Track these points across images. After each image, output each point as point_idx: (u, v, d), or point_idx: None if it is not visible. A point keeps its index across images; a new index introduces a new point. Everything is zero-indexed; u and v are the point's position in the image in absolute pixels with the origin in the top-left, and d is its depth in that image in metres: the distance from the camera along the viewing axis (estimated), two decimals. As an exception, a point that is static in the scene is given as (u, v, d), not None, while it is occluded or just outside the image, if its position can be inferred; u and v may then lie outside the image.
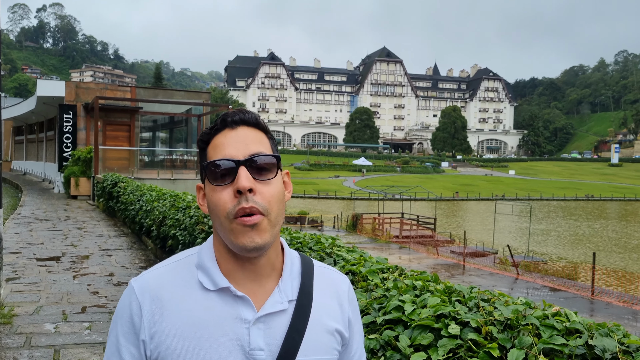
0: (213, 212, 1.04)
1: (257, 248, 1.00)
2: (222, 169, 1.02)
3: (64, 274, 7.74)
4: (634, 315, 14.01)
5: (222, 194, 1.01)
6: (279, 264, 1.10)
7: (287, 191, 1.11)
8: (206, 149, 1.08)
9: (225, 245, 1.05)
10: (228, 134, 1.06)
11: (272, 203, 1.02)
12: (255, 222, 0.99)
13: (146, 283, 1.06)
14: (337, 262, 3.24)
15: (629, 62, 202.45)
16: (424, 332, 1.93)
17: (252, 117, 1.08)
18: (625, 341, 1.62)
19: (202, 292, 1.04)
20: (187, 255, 1.12)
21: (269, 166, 1.04)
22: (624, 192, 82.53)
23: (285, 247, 1.14)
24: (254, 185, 1.00)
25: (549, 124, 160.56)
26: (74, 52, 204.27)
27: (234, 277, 1.05)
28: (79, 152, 20.14)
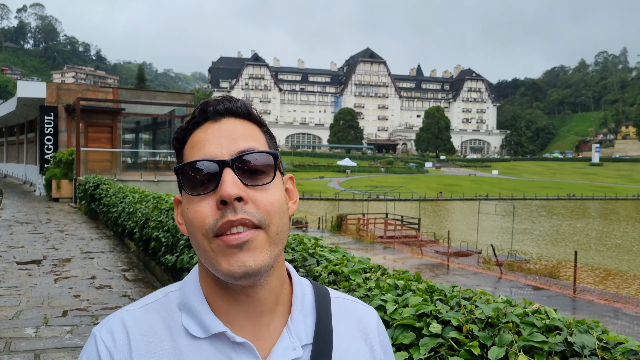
0: (190, 228, 0.80)
1: (249, 274, 0.75)
2: (201, 173, 0.78)
3: (45, 278, 7.64)
4: (615, 312, 14.19)
5: (201, 205, 0.77)
6: (286, 297, 0.86)
7: (291, 201, 0.86)
8: (182, 149, 0.85)
9: (214, 275, 0.81)
10: (209, 128, 0.82)
11: (270, 213, 0.78)
12: (245, 239, 0.75)
13: (117, 327, 0.81)
14: (319, 262, 3.23)
15: (608, 62, 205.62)
16: (406, 332, 1.93)
17: (240, 106, 0.84)
18: (604, 337, 1.64)
19: (190, 341, 0.80)
20: (165, 293, 0.87)
21: (263, 167, 0.80)
22: (604, 191, 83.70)
23: (294, 274, 0.89)
24: (243, 192, 0.76)
25: (531, 124, 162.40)
26: (55, 53, 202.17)
27: (228, 317, 0.81)
28: (61, 154, 19.91)
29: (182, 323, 0.81)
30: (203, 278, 0.84)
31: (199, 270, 0.86)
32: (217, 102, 0.83)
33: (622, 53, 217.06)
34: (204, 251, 0.77)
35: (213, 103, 0.83)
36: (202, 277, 0.84)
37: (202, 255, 0.79)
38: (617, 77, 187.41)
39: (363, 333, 0.87)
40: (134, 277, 7.73)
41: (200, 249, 0.78)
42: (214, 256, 0.76)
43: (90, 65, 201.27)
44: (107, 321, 0.82)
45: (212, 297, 0.82)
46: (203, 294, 0.83)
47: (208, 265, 0.78)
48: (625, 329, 12.54)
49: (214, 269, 0.77)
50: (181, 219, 0.86)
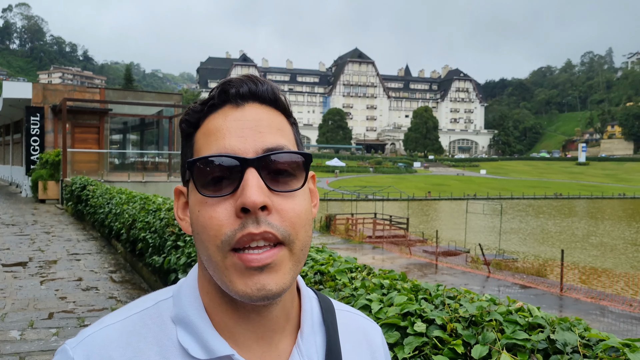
0: (199, 236, 0.67)
1: (269, 297, 0.65)
2: (218, 170, 0.66)
3: (31, 280, 7.56)
4: (601, 310, 14.32)
5: (217, 211, 0.65)
6: (295, 312, 0.76)
7: (312, 204, 0.74)
8: (194, 135, 0.71)
9: (218, 286, 0.69)
10: (230, 115, 0.69)
11: (297, 226, 0.66)
12: (269, 261, 0.64)
13: (93, 349, 0.67)
14: (306, 262, 3.23)
15: (594, 63, 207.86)
16: (391, 331, 1.94)
17: (268, 90, 0.72)
18: (586, 335, 1.65)
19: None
20: (156, 301, 0.73)
21: (294, 169, 0.68)
22: (591, 190, 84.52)
23: (302, 286, 0.78)
24: (269, 199, 0.64)
25: (519, 123, 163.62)
26: (42, 53, 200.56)
27: (234, 337, 0.70)
28: (47, 155, 19.73)
29: (178, 340, 0.68)
30: (205, 287, 0.71)
31: (199, 279, 0.73)
32: (240, 82, 0.71)
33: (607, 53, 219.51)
34: (216, 265, 0.66)
35: (236, 83, 0.71)
36: (203, 285, 0.71)
37: (213, 269, 0.67)
38: (602, 77, 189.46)
39: (370, 351, 0.81)
40: (121, 279, 7.68)
41: (212, 262, 0.66)
42: (227, 273, 0.65)
43: (77, 66, 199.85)
44: (83, 337, 0.69)
45: (214, 311, 0.70)
46: (204, 307, 0.71)
47: (218, 280, 0.67)
48: (611, 327, 12.67)
49: (225, 286, 0.66)
50: (183, 214, 0.75)
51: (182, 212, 0.75)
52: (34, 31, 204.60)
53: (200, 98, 0.72)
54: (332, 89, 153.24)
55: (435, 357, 1.66)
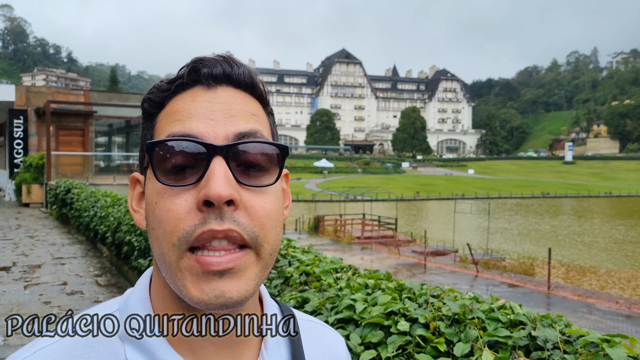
0: (154, 232, 0.59)
1: (228, 306, 0.57)
2: (181, 156, 0.57)
3: (14, 284, 7.47)
4: (588, 307, 14.44)
5: (176, 202, 0.57)
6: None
7: (284, 206, 0.67)
8: (157, 115, 0.64)
9: (173, 291, 0.61)
10: (200, 96, 0.61)
11: (266, 227, 0.59)
12: (229, 267, 0.56)
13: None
14: (291, 263, 3.22)
15: (580, 62, 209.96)
16: (374, 330, 1.93)
17: (244, 72, 0.63)
18: (566, 331, 1.65)
19: None
20: (102, 314, 0.64)
21: (267, 162, 0.60)
22: (577, 189, 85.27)
23: (265, 295, 0.72)
24: (236, 193, 0.56)
25: (506, 123, 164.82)
26: (25, 55, 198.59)
27: (189, 347, 0.62)
28: (31, 158, 19.53)
29: (127, 358, 0.60)
30: (159, 291, 0.63)
31: (153, 281, 0.65)
32: (214, 62, 0.62)
33: (592, 53, 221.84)
34: (169, 266, 0.57)
35: (209, 63, 0.62)
36: (157, 289, 0.63)
37: (166, 270, 0.58)
38: (588, 77, 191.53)
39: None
40: (106, 282, 7.61)
41: (165, 263, 0.58)
42: (181, 276, 0.57)
43: (61, 68, 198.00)
44: (24, 355, 0.60)
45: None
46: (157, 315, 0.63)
47: (171, 283, 0.58)
48: (597, 324, 12.78)
49: (178, 290, 0.58)
50: (138, 205, 0.66)
51: (137, 204, 0.66)
52: (17, 33, 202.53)
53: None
54: (319, 89, 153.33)
55: (418, 356, 1.65)
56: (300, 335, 0.72)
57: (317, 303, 2.36)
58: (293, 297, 2.54)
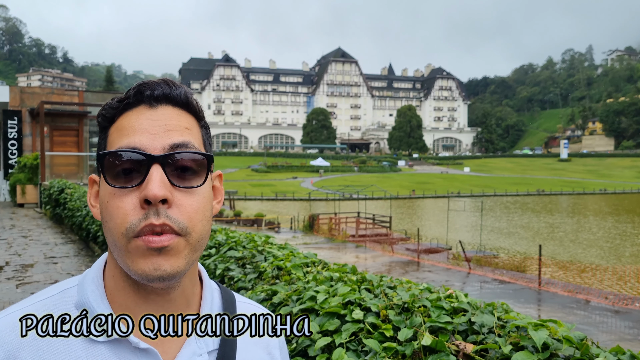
0: (107, 224, 0.73)
1: (164, 278, 0.72)
2: (126, 164, 0.72)
3: (7, 284, 7.58)
4: (577, 303, 14.61)
5: (123, 201, 0.71)
6: (197, 299, 0.83)
7: (216, 201, 0.83)
8: (108, 129, 0.78)
9: (122, 270, 0.76)
10: (143, 114, 0.75)
11: (194, 220, 0.73)
12: (165, 244, 0.71)
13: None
14: (267, 258, 3.34)
15: (575, 60, 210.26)
16: (332, 319, 2.05)
17: (181, 93, 0.78)
18: (503, 317, 1.78)
19: (87, 345, 0.73)
20: (62, 289, 0.79)
21: (196, 167, 0.75)
22: (572, 186, 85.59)
23: (204, 276, 0.86)
24: (170, 193, 0.71)
25: (501, 121, 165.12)
26: (21, 55, 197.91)
27: (132, 316, 0.76)
28: (25, 158, 19.59)
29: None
30: (111, 271, 0.78)
31: (107, 262, 0.80)
32: (156, 85, 0.77)
33: (587, 50, 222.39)
34: (120, 250, 0.72)
35: (151, 86, 0.77)
36: (110, 269, 0.79)
37: (117, 253, 0.73)
38: (583, 74, 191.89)
39: (264, 340, 0.87)
40: (97, 281, 7.71)
41: (116, 247, 0.73)
42: (128, 256, 0.72)
43: (57, 68, 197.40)
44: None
45: (118, 294, 0.77)
46: (105, 292, 0.78)
47: (121, 262, 0.73)
48: (586, 319, 12.95)
49: (126, 267, 0.73)
50: (95, 201, 0.81)
51: (94, 200, 0.80)
52: (12, 33, 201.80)
53: (117, 95, 0.78)
54: (315, 88, 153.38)
55: (366, 341, 1.78)
56: (235, 313, 0.85)
57: (284, 295, 2.48)
58: (264, 290, 2.66)
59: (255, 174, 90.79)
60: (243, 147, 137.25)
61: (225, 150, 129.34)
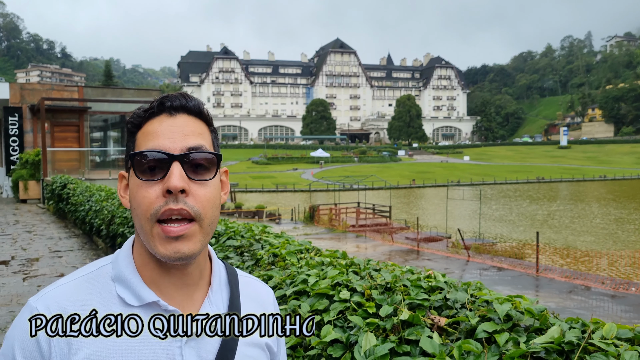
0: (135, 210, 0.92)
1: (183, 259, 0.90)
2: (152, 162, 0.90)
3: (13, 277, 7.77)
4: (574, 288, 14.82)
5: (149, 191, 0.89)
6: (207, 272, 1.02)
7: (223, 192, 1.00)
8: (136, 134, 0.96)
9: (147, 249, 0.94)
10: (165, 121, 0.94)
11: (206, 208, 0.91)
12: (182, 233, 0.89)
13: (52, 301, 0.90)
14: (263, 246, 3.52)
15: (574, 47, 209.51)
16: (322, 299, 2.23)
17: (195, 105, 0.96)
18: (476, 294, 1.96)
19: (125, 308, 0.91)
20: (98, 266, 0.98)
21: (208, 164, 0.93)
22: (572, 173, 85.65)
23: (213, 255, 1.05)
24: (187, 185, 0.89)
25: (501, 109, 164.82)
26: (19, 51, 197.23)
27: (158, 286, 0.95)
28: (27, 155, 19.77)
29: (117, 293, 0.93)
30: (138, 250, 0.97)
31: (134, 243, 0.99)
32: (175, 97, 0.95)
33: (586, 37, 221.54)
34: (145, 233, 0.90)
35: (171, 98, 0.95)
36: (137, 249, 0.97)
37: (143, 235, 0.91)
38: (582, 61, 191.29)
39: (262, 306, 1.07)
40: (101, 273, 7.90)
41: (143, 230, 0.90)
42: (152, 240, 0.90)
43: (55, 63, 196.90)
44: (43, 294, 0.92)
45: (145, 269, 0.95)
46: (135, 267, 0.96)
47: (147, 244, 0.91)
48: (582, 304, 13.16)
49: (151, 249, 0.91)
50: (124, 192, 0.99)
51: (124, 192, 0.99)
52: (9, 29, 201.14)
53: (143, 106, 0.98)
54: (314, 79, 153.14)
55: (351, 317, 1.96)
56: (238, 285, 1.05)
57: (279, 279, 2.67)
58: (260, 276, 2.84)
59: (256, 166, 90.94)
60: (243, 140, 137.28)
61: (226, 142, 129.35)
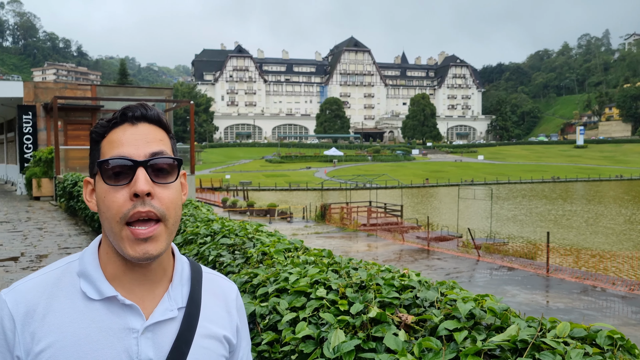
0: (105, 214, 0.98)
1: (150, 258, 0.97)
2: (118, 168, 0.96)
3: (22, 273, 7.90)
4: (584, 289, 14.70)
5: (117, 196, 0.96)
6: (170, 269, 1.08)
7: (183, 193, 1.06)
8: (100, 142, 1.02)
9: (114, 248, 1.00)
10: (127, 130, 1.00)
11: (170, 209, 0.99)
12: (150, 234, 0.96)
13: (21, 295, 0.98)
14: (255, 245, 3.56)
15: (591, 45, 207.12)
16: (300, 297, 2.27)
17: (154, 114, 1.03)
18: (446, 292, 1.99)
19: (86, 302, 0.98)
20: (67, 262, 1.05)
21: (170, 168, 1.00)
22: (588, 173, 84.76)
23: (176, 252, 1.12)
24: (152, 188, 0.96)
25: (516, 108, 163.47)
26: (35, 49, 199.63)
27: (121, 281, 1.02)
28: (40, 152, 20.02)
29: (80, 287, 1.00)
30: (105, 248, 1.04)
31: (102, 242, 1.06)
32: (136, 108, 1.02)
33: (604, 35, 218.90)
34: (115, 235, 0.97)
35: (133, 109, 1.02)
36: (103, 247, 1.05)
37: (112, 237, 0.98)
38: (600, 60, 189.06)
39: (224, 302, 1.13)
40: (108, 270, 8.00)
41: (112, 232, 0.97)
42: (122, 242, 0.96)
43: (71, 62, 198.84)
44: (13, 287, 1.00)
45: (109, 265, 1.02)
46: (99, 264, 1.03)
47: (115, 245, 0.98)
48: (591, 304, 13.05)
49: (120, 249, 0.97)
50: (90, 197, 1.05)
51: (89, 196, 1.06)
52: (26, 28, 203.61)
53: (106, 117, 1.05)
54: (329, 78, 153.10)
55: (323, 315, 1.99)
56: (201, 282, 1.11)
57: (263, 277, 2.71)
58: (247, 273, 2.89)
59: (269, 165, 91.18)
60: (257, 138, 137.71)
61: (239, 141, 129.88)
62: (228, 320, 1.12)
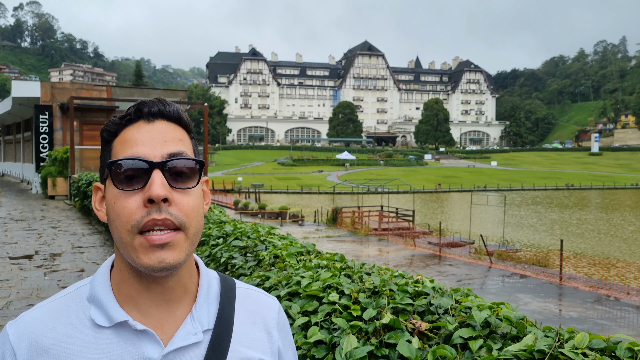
0: (114, 222, 0.85)
1: (167, 268, 0.84)
2: (131, 170, 0.84)
3: (35, 271, 7.97)
4: (598, 298, 14.53)
5: (128, 201, 0.83)
6: (194, 286, 0.94)
7: (205, 202, 0.94)
8: (112, 142, 0.89)
9: (129, 264, 0.88)
10: (143, 128, 0.87)
11: (191, 217, 0.86)
12: (166, 241, 0.83)
13: (24, 327, 0.87)
14: (267, 247, 3.56)
15: (607, 52, 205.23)
16: (312, 301, 2.26)
17: (174, 110, 0.90)
18: (460, 299, 1.96)
19: (96, 330, 0.87)
20: (77, 287, 0.93)
21: (190, 172, 0.87)
22: (603, 181, 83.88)
23: (201, 266, 0.97)
24: (169, 194, 0.83)
25: (531, 114, 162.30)
26: (53, 50, 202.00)
27: (136, 303, 0.89)
28: (56, 152, 20.23)
29: (90, 314, 0.88)
30: (118, 266, 0.91)
31: (114, 260, 0.93)
32: (152, 103, 0.89)
33: (621, 42, 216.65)
34: (126, 245, 0.84)
35: (149, 104, 0.89)
36: (117, 265, 0.91)
37: (123, 248, 0.85)
38: (616, 66, 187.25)
39: (262, 321, 0.97)
40: (120, 269, 8.05)
41: (122, 243, 0.84)
42: (134, 251, 0.83)
43: (88, 63, 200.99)
44: (19, 319, 0.90)
45: (124, 285, 0.89)
46: (111, 285, 0.90)
47: (127, 256, 0.85)
48: (606, 314, 12.89)
49: (132, 261, 0.84)
50: (100, 205, 0.92)
51: (99, 204, 0.93)
52: (44, 29, 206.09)
53: (118, 113, 0.91)
54: (342, 82, 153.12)
55: (335, 319, 1.98)
56: (234, 299, 0.97)
57: (275, 280, 2.70)
58: (259, 276, 2.88)
59: (282, 168, 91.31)
60: (270, 141, 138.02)
61: (252, 143, 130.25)
62: (267, 342, 0.96)
